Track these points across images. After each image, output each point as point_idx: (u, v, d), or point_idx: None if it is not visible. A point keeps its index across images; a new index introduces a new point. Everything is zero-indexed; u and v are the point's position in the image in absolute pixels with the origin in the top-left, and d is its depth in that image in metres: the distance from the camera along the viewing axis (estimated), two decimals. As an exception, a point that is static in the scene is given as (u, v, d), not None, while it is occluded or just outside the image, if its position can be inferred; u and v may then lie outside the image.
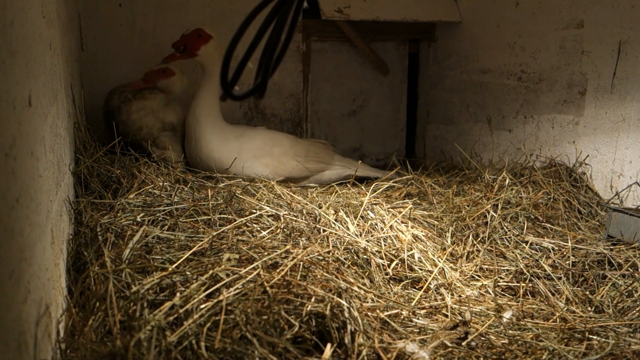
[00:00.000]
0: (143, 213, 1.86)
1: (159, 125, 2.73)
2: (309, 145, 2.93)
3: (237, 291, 1.35)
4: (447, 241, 2.19)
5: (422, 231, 2.15)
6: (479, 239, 2.19)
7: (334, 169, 2.94)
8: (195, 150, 2.68)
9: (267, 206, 2.00)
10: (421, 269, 1.88)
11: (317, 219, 1.99)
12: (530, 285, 1.94)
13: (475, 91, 3.42)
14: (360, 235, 1.96)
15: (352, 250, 1.86)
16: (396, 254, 1.91)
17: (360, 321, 1.35)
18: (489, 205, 2.35)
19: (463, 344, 1.47)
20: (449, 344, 1.45)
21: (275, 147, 2.77)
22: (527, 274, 1.98)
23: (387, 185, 2.55)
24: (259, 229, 1.86)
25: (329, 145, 3.09)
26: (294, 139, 2.93)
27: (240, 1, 3.12)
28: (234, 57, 1.30)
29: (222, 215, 1.92)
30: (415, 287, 1.84)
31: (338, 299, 1.37)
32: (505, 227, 2.25)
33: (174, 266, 1.48)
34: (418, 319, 1.60)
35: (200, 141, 2.66)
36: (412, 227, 2.14)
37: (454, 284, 1.86)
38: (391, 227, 2.04)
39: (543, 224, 2.34)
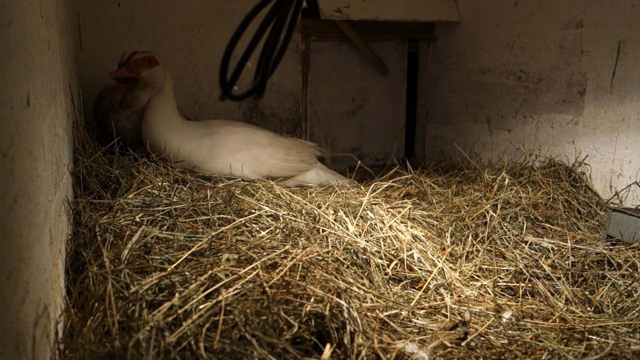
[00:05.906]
0: (142, 213, 1.85)
1: None
2: (289, 143, 2.81)
3: (236, 291, 1.35)
4: (446, 241, 2.19)
5: (421, 231, 2.15)
6: (478, 239, 2.19)
7: (316, 172, 2.82)
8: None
9: (267, 206, 2.00)
10: (420, 269, 1.88)
11: (317, 219, 1.99)
12: (530, 285, 1.93)
13: (474, 91, 3.42)
14: (360, 235, 1.96)
15: (352, 251, 1.86)
16: (395, 254, 1.91)
17: (359, 321, 1.35)
18: (489, 205, 2.35)
19: (462, 344, 1.47)
20: (449, 344, 1.45)
21: (252, 144, 2.66)
22: (527, 274, 1.98)
23: (386, 185, 2.54)
24: (258, 229, 1.86)
25: (316, 146, 2.96)
26: (274, 136, 2.80)
27: (239, 1, 3.12)
28: (233, 57, 1.30)
29: (221, 216, 1.92)
30: (414, 287, 1.83)
31: (337, 299, 1.37)
32: (504, 227, 2.25)
33: (172, 266, 1.47)
34: (417, 319, 1.60)
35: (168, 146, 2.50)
36: (411, 227, 2.13)
37: (454, 284, 1.85)
38: (390, 227, 2.03)
39: (542, 224, 2.34)
